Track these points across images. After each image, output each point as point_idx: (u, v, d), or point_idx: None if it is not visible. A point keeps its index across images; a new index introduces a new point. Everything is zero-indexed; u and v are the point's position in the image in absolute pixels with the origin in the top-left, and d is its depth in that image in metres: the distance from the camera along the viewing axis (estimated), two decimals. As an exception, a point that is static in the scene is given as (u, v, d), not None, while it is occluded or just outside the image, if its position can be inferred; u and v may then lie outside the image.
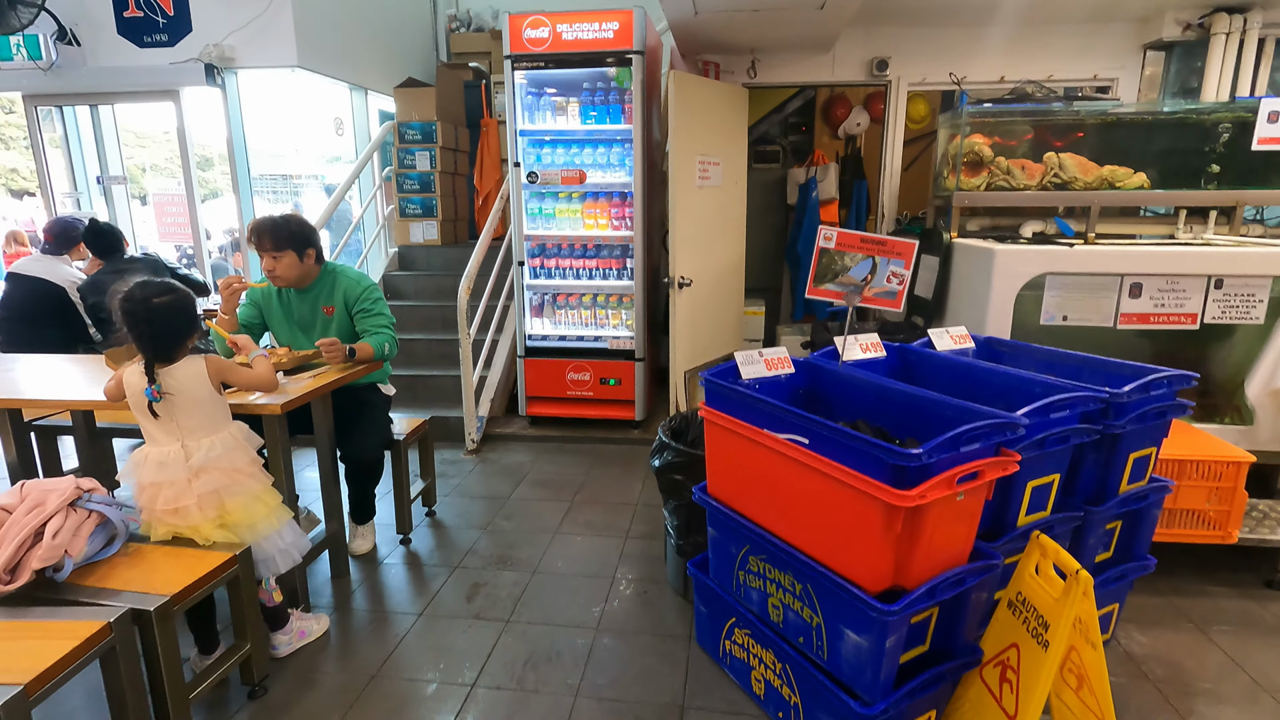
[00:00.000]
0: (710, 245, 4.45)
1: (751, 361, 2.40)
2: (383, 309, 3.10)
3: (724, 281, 4.78)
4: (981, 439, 1.79)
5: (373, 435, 3.02)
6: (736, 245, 4.89)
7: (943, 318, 4.04)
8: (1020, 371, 2.38)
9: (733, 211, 4.78)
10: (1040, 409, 2.03)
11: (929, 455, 1.64)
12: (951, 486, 1.73)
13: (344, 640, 2.58)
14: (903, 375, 2.84)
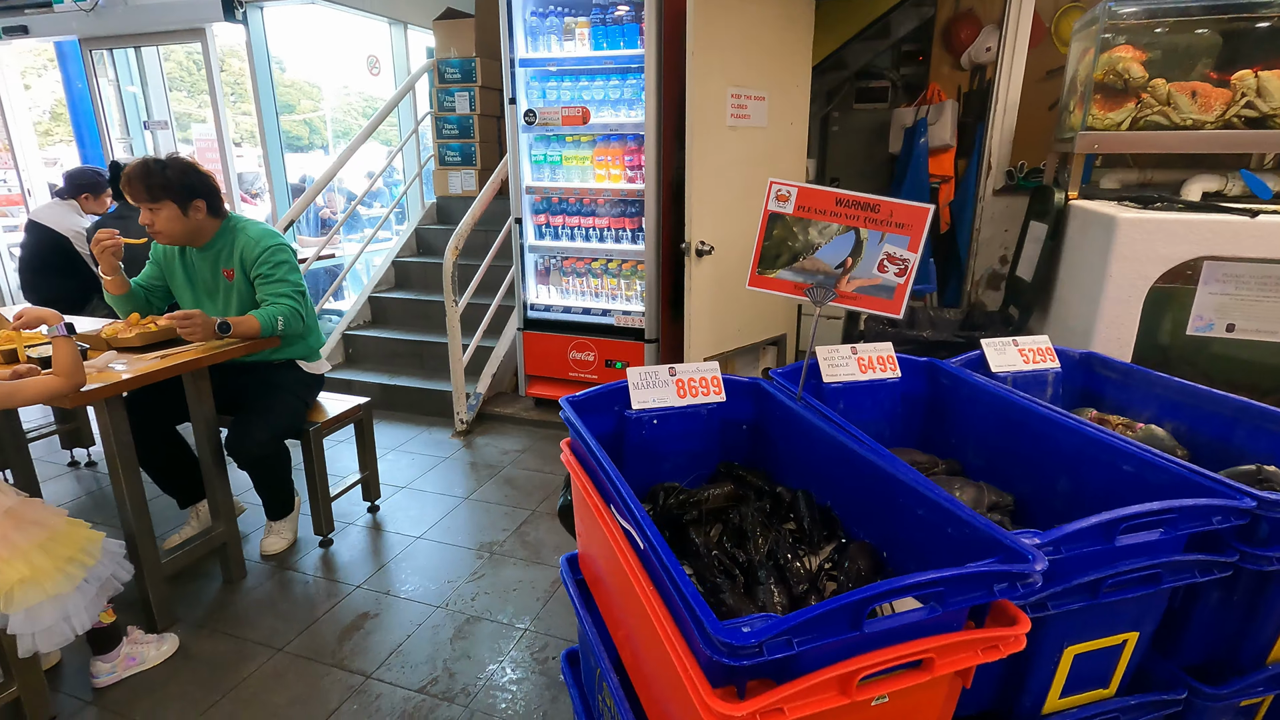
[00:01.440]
0: (745, 203, 3.53)
1: (651, 383, 1.60)
2: (286, 274, 2.58)
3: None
4: (948, 594, 0.93)
5: (259, 427, 2.54)
6: (790, 203, 3.91)
7: (1046, 312, 2.91)
8: (1107, 436, 1.42)
9: (784, 161, 3.80)
10: (1098, 529, 1.10)
11: (779, 641, 0.83)
12: (850, 692, 0.89)
13: (176, 674, 2.16)
14: (926, 413, 1.91)
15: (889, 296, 1.52)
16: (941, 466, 1.78)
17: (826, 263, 1.54)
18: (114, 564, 2.03)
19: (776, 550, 1.26)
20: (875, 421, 1.86)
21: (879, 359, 1.85)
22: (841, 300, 1.56)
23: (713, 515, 1.47)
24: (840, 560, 1.26)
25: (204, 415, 2.44)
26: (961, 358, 1.97)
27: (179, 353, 2.27)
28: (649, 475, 1.62)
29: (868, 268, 1.52)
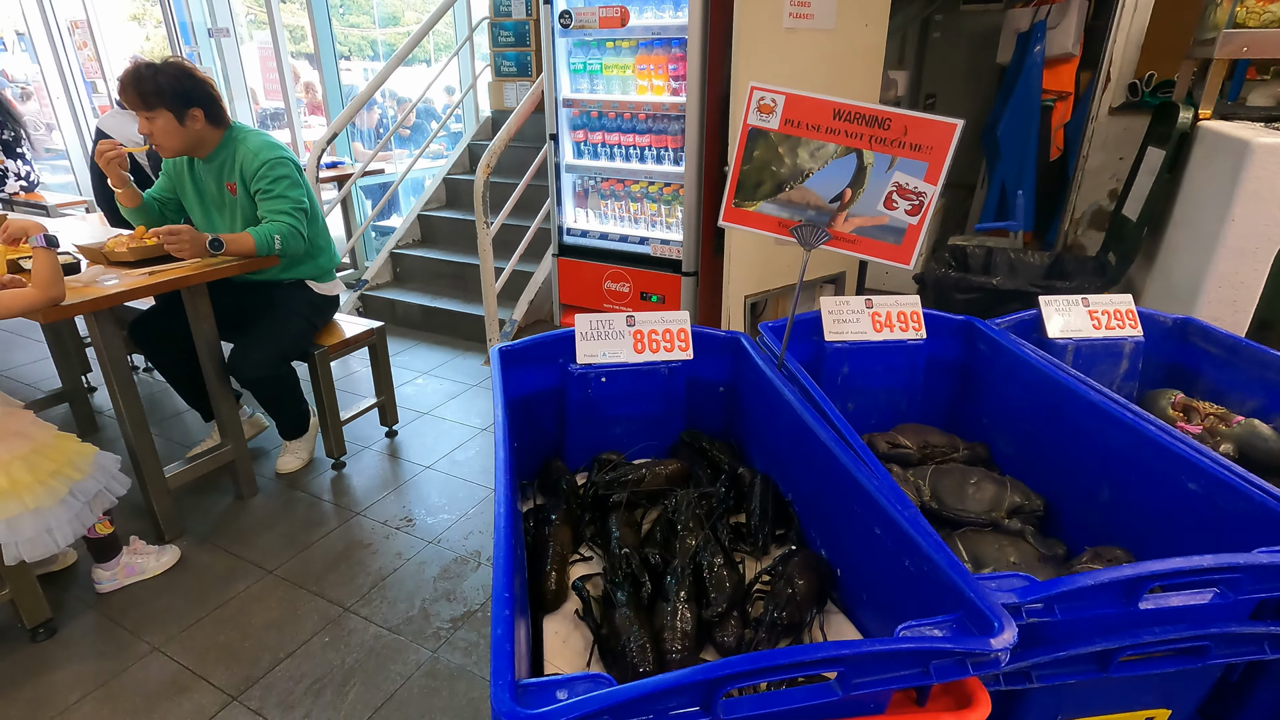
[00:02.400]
0: (801, 120, 3.08)
1: (603, 333, 1.36)
2: (286, 189, 2.46)
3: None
4: (850, 675, 0.69)
5: (260, 349, 2.49)
6: (859, 121, 3.41)
7: (1152, 262, 2.40)
8: (1172, 441, 1.08)
9: (856, 72, 3.28)
10: (1116, 589, 0.80)
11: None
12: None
13: (171, 586, 2.21)
14: (957, 385, 1.59)
15: (896, 241, 1.19)
16: (962, 452, 1.46)
17: (819, 194, 1.21)
18: (106, 478, 2.05)
19: (702, 552, 1.03)
20: (889, 391, 1.56)
21: (900, 315, 1.52)
22: (836, 243, 1.24)
23: (655, 497, 1.25)
24: (781, 572, 1.01)
25: (204, 333, 2.41)
26: (1011, 318, 1.61)
27: (169, 269, 2.21)
28: (596, 441, 1.41)
29: (871, 202, 1.19)
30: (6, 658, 1.94)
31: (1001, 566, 1.19)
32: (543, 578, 1.00)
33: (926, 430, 1.50)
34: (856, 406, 1.56)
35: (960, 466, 1.39)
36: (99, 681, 1.87)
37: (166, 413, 3.32)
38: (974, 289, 2.57)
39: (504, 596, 0.75)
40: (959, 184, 5.48)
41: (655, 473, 1.21)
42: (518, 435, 1.34)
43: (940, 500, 1.31)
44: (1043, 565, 1.19)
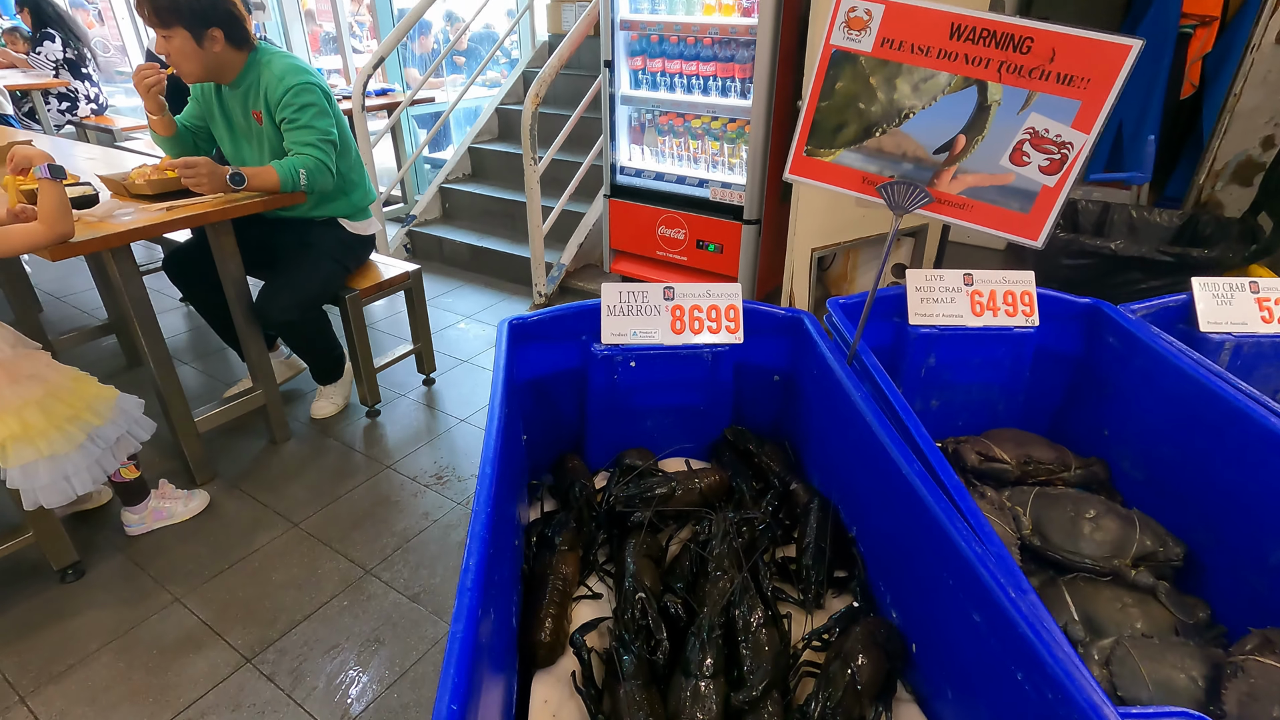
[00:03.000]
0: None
1: (635, 308, 1.13)
2: (312, 119, 2.26)
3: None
4: None
5: (287, 292, 2.36)
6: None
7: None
8: None
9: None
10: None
11: None
12: None
13: (197, 533, 2.16)
14: (1073, 384, 1.29)
15: (1022, 207, 0.89)
16: (1074, 471, 1.19)
17: (920, 142, 0.92)
18: (129, 422, 1.98)
19: (738, 603, 0.81)
20: (984, 388, 1.28)
21: (1008, 296, 1.22)
22: (938, 208, 0.95)
23: (687, 515, 1.03)
24: (838, 646, 0.78)
25: (230, 273, 2.29)
26: (1152, 303, 1.28)
27: (188, 205, 2.07)
28: (622, 436, 1.19)
29: (993, 154, 0.89)
30: (35, 598, 1.93)
31: (1123, 631, 0.94)
32: (535, 624, 0.81)
33: (1029, 440, 1.22)
34: (942, 404, 1.29)
35: (1072, 493, 1.12)
36: (119, 631, 1.83)
37: (210, 347, 3.29)
38: (1086, 254, 2.19)
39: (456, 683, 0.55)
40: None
41: (687, 489, 0.99)
42: (530, 425, 1.13)
43: (1045, 535, 1.05)
44: (1181, 636, 0.92)
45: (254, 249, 2.47)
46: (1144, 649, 0.88)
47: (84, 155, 2.83)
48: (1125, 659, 0.87)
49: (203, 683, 1.70)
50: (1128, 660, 0.87)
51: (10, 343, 1.79)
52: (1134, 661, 0.86)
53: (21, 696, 1.66)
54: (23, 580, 1.97)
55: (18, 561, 2.00)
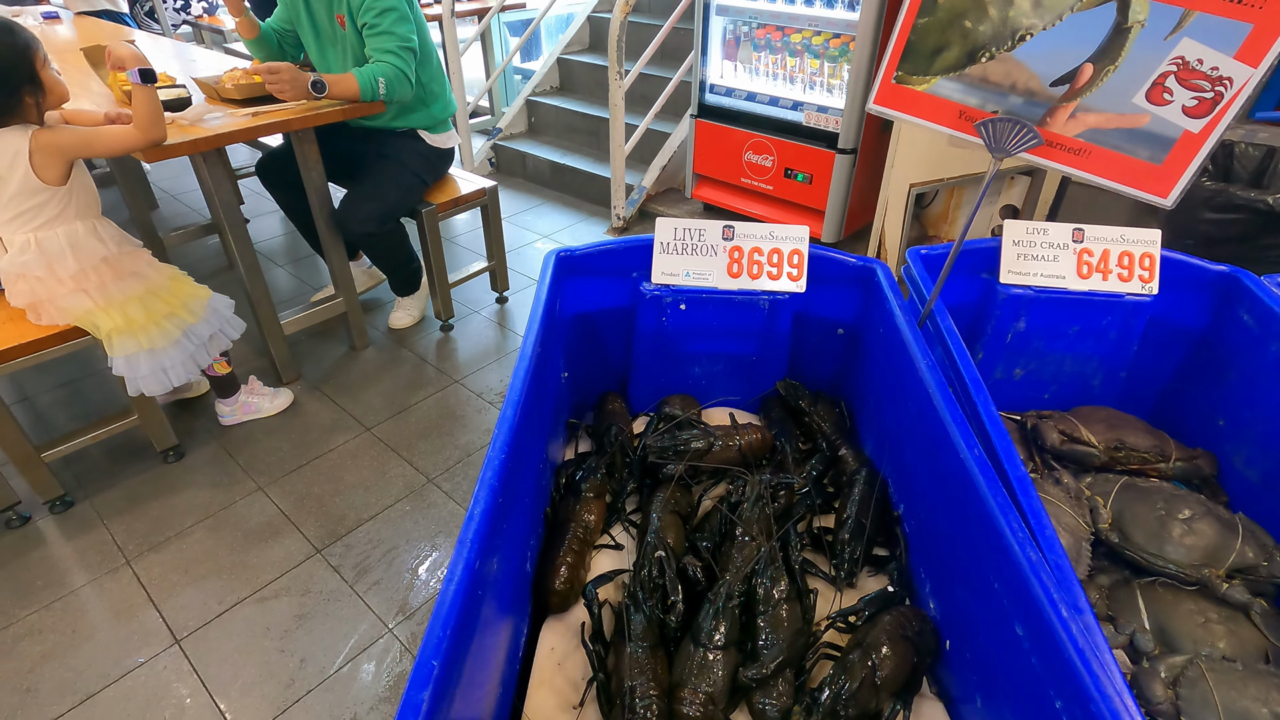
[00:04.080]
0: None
1: (690, 246, 1.05)
2: (392, 25, 2.21)
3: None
4: None
5: (366, 203, 2.39)
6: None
7: None
8: None
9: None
10: None
11: None
12: None
13: (281, 429, 2.31)
14: (1190, 363, 1.14)
15: (1155, 158, 0.74)
16: (1174, 463, 1.05)
17: (1035, 71, 0.77)
18: (220, 321, 2.10)
19: (762, 573, 0.77)
20: (1079, 359, 1.14)
21: (1124, 257, 1.07)
22: (1049, 152, 0.81)
23: (724, 472, 0.98)
24: (864, 631, 0.73)
25: (313, 181, 2.33)
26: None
27: (272, 111, 2.10)
28: (668, 381, 1.14)
29: (1126, 89, 0.74)
30: (142, 474, 2.13)
31: (1202, 650, 0.83)
32: (550, 570, 0.79)
33: (1124, 422, 1.09)
34: (1028, 374, 1.16)
35: (1167, 488, 0.99)
36: (210, 511, 2.01)
37: (302, 252, 3.43)
38: (1234, 207, 1.89)
39: (430, 663, 0.54)
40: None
41: (726, 445, 0.94)
42: (574, 363, 1.10)
43: (1126, 532, 0.94)
44: (1273, 665, 0.81)
45: (338, 158, 2.50)
46: (1222, 673, 0.78)
47: (187, 56, 2.92)
48: (1197, 682, 0.78)
49: (278, 566, 1.84)
50: (1199, 684, 0.78)
51: (116, 240, 1.90)
52: (1207, 686, 0.77)
53: (128, 559, 1.86)
54: (132, 458, 2.18)
55: (128, 441, 2.21)
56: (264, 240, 3.58)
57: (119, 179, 3.05)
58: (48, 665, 1.61)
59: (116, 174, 3.05)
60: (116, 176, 3.08)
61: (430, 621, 0.56)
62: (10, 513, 1.93)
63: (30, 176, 1.67)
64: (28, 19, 3.52)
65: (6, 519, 1.93)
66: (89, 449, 2.11)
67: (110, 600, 1.76)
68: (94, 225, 1.84)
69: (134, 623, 1.70)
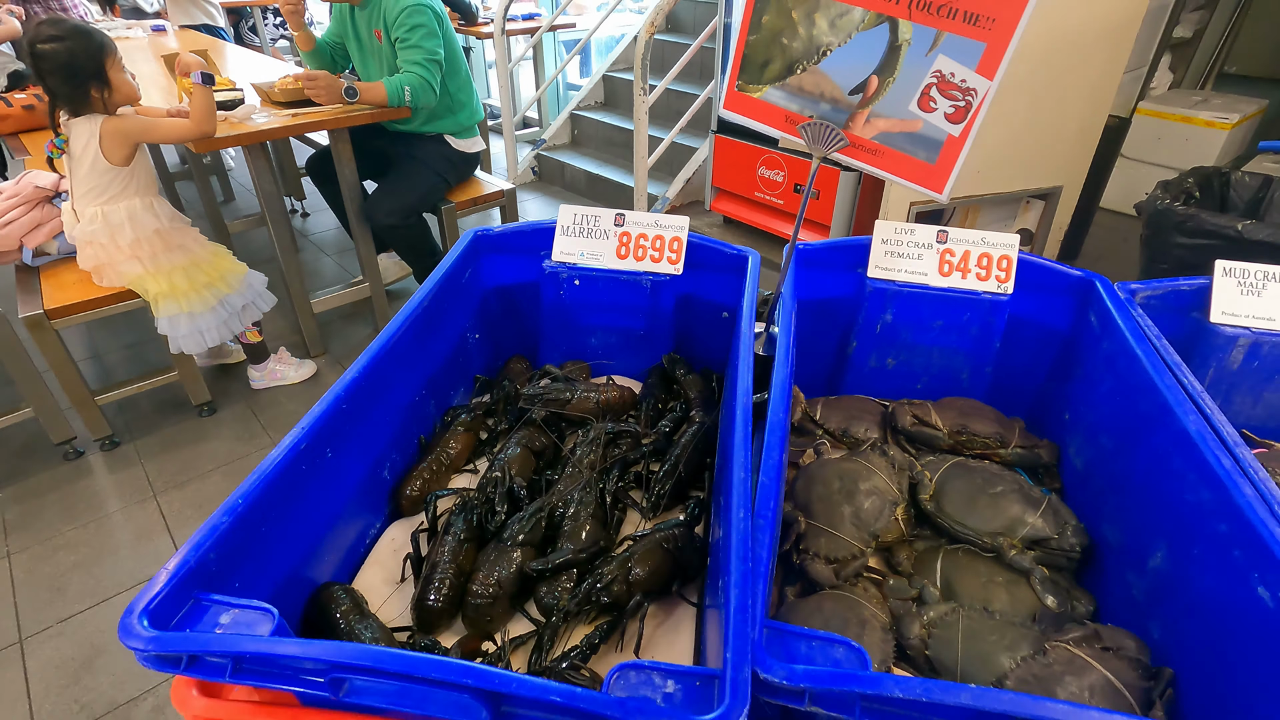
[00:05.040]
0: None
1: (586, 230, 1.22)
2: (421, 39, 2.48)
3: (1067, 50, 2.64)
4: None
5: (391, 198, 2.65)
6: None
7: None
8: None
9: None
10: None
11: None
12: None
13: (302, 395, 2.58)
14: (1056, 361, 1.23)
15: (929, 157, 0.85)
16: (1012, 449, 1.14)
17: (836, 82, 0.90)
18: (253, 294, 2.39)
19: (576, 497, 0.91)
20: (946, 353, 1.23)
21: (983, 259, 1.16)
22: (854, 152, 0.93)
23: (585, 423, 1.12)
24: (635, 542, 0.86)
25: (346, 177, 2.61)
26: (1165, 284, 1.16)
27: (310, 113, 2.38)
28: (570, 348, 1.30)
29: (902, 99, 0.85)
30: (179, 424, 2.43)
31: (983, 605, 0.92)
32: (405, 480, 0.96)
33: (976, 411, 1.17)
34: (899, 364, 1.25)
35: (991, 468, 1.07)
36: (229, 460, 2.28)
37: (350, 245, 3.76)
38: (1204, 232, 1.89)
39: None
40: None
41: (584, 397, 1.08)
42: (491, 329, 1.27)
43: (941, 504, 1.03)
44: (1040, 624, 0.90)
45: (373, 158, 2.79)
46: (975, 621, 0.87)
47: (264, 66, 3.29)
48: (951, 625, 0.87)
49: (276, 510, 2.09)
50: (952, 627, 0.87)
51: (168, 217, 2.22)
52: (957, 629, 0.86)
53: (155, 494, 2.15)
54: (173, 410, 2.49)
55: (170, 395, 2.52)
56: (320, 232, 3.94)
57: (194, 172, 3.46)
58: (77, 572, 1.89)
59: (193, 167, 3.46)
60: (193, 170, 3.49)
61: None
62: (68, 446, 2.25)
63: (100, 158, 1.99)
64: (138, 31, 4.04)
65: (64, 451, 2.26)
66: (138, 400, 2.43)
67: (135, 525, 2.04)
68: (151, 202, 2.15)
69: (151, 545, 1.97)
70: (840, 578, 0.95)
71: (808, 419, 1.22)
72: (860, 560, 0.96)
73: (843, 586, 0.95)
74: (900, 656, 0.88)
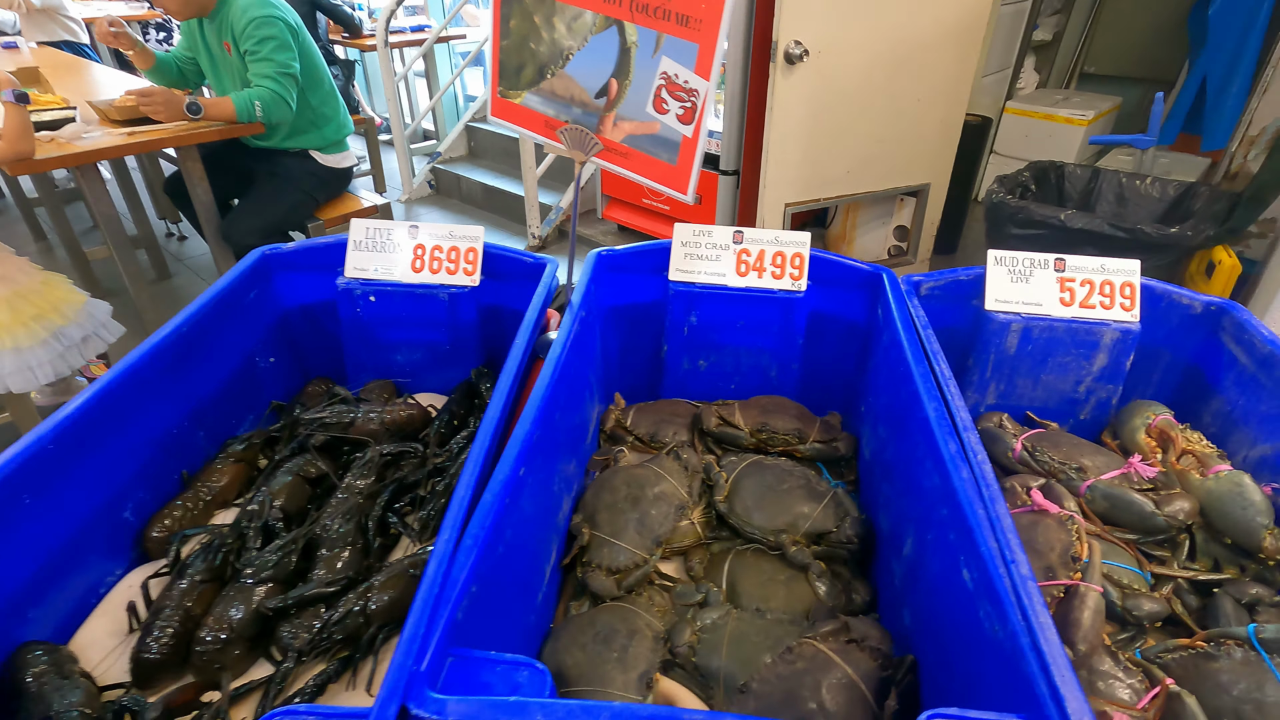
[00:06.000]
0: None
1: (379, 243, 1.18)
2: (272, 52, 2.38)
3: (921, 53, 2.74)
4: None
5: (251, 217, 2.54)
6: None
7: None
8: (992, 534, 0.75)
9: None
10: None
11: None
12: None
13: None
14: (860, 356, 1.25)
15: (671, 159, 0.85)
16: (811, 445, 1.15)
17: (583, 85, 0.89)
18: (95, 325, 2.23)
19: (336, 526, 0.86)
20: (753, 352, 1.24)
21: (777, 257, 1.17)
22: (608, 155, 0.92)
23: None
24: (377, 572, 0.82)
25: (199, 196, 2.48)
26: (946, 276, 1.20)
27: (149, 131, 2.26)
28: (377, 367, 1.25)
29: (639, 101, 0.85)
30: (17, 468, 2.25)
31: (754, 605, 0.92)
32: (152, 520, 0.89)
33: (779, 409, 1.18)
34: (711, 365, 1.26)
35: (785, 464, 1.08)
36: (70, 503, 2.12)
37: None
38: (1034, 223, 1.98)
39: None
40: (1150, 78, 4.32)
41: (370, 418, 1.04)
42: (283, 350, 1.21)
43: (733, 504, 1.03)
44: (813, 620, 0.90)
45: (235, 176, 2.66)
46: (743, 624, 0.86)
47: (129, 84, 3.10)
48: (720, 628, 0.86)
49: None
50: (720, 630, 0.86)
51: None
52: (722, 635, 0.85)
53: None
54: (10, 453, 2.30)
55: (7, 437, 2.33)
56: (197, 256, 3.75)
57: (44, 200, 3.23)
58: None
59: (43, 196, 3.23)
60: (43, 198, 3.26)
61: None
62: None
63: None
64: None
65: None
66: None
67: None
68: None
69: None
70: (623, 588, 0.93)
71: (619, 426, 1.20)
72: (644, 569, 0.94)
73: (625, 597, 0.93)
74: (671, 665, 0.87)
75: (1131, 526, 0.95)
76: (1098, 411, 1.17)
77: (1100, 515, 0.97)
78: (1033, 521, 0.86)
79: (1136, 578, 0.90)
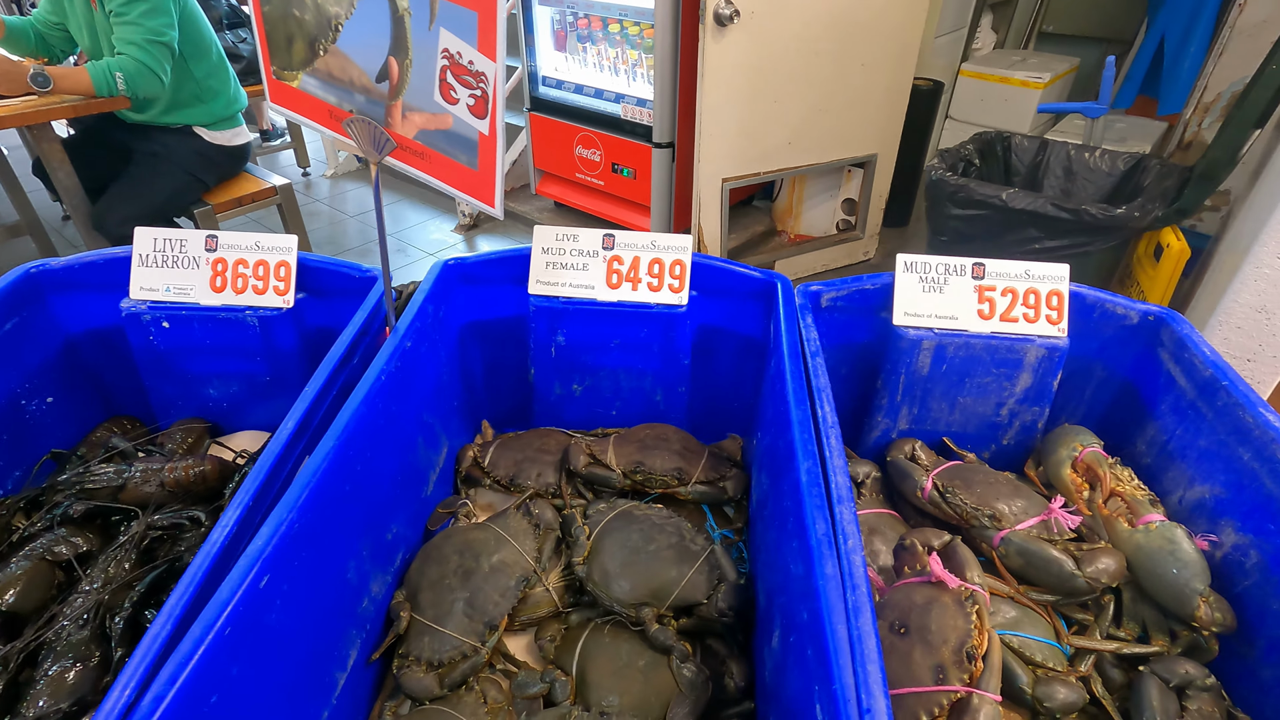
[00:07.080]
0: (812, -63, 2.25)
1: (171, 259, 0.97)
2: (141, 17, 2.09)
3: (864, 13, 2.54)
4: None
5: (125, 202, 2.27)
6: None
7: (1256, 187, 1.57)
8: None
9: None
10: None
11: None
12: None
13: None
14: (759, 373, 1.09)
15: (471, 163, 0.66)
16: (694, 487, 0.99)
17: (359, 65, 0.69)
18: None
19: (80, 622, 0.69)
20: (633, 374, 1.07)
21: (655, 266, 0.99)
22: (403, 155, 0.73)
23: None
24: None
25: (61, 180, 2.21)
26: (852, 284, 1.03)
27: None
28: (185, 403, 1.05)
29: (425, 87, 0.65)
30: None
31: (612, 697, 0.76)
32: None
33: (660, 443, 1.01)
34: (585, 390, 1.08)
35: (657, 515, 0.92)
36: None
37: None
38: (975, 203, 1.83)
39: None
40: (1109, 38, 4.17)
41: (147, 478, 0.85)
42: (74, 388, 1.01)
43: (592, 569, 0.87)
44: (674, 710, 0.75)
45: (112, 154, 2.39)
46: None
47: None
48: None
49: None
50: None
51: None
52: (556, 748, 0.70)
53: None
54: None
55: None
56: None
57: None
58: None
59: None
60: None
61: None
62: None
63: None
64: None
65: None
66: None
67: None
68: None
69: None
70: (445, 685, 0.77)
71: (475, 466, 1.03)
72: (472, 660, 0.78)
73: (448, 698, 0.77)
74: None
75: (1050, 587, 0.81)
76: (1022, 435, 1.02)
77: (1015, 572, 0.83)
78: (928, 600, 0.71)
79: (1053, 653, 0.77)
